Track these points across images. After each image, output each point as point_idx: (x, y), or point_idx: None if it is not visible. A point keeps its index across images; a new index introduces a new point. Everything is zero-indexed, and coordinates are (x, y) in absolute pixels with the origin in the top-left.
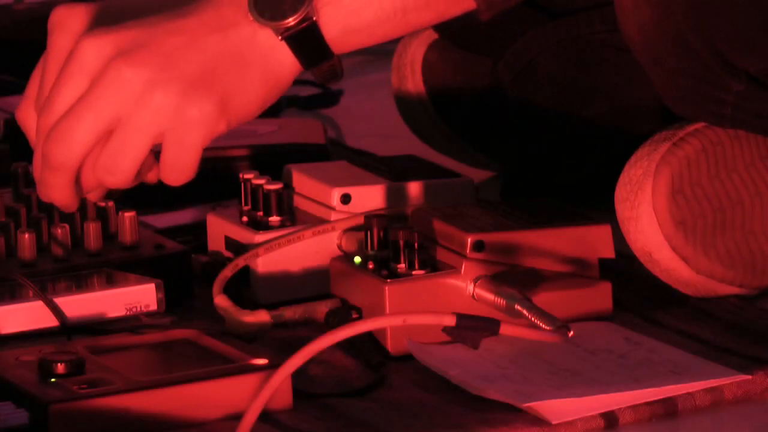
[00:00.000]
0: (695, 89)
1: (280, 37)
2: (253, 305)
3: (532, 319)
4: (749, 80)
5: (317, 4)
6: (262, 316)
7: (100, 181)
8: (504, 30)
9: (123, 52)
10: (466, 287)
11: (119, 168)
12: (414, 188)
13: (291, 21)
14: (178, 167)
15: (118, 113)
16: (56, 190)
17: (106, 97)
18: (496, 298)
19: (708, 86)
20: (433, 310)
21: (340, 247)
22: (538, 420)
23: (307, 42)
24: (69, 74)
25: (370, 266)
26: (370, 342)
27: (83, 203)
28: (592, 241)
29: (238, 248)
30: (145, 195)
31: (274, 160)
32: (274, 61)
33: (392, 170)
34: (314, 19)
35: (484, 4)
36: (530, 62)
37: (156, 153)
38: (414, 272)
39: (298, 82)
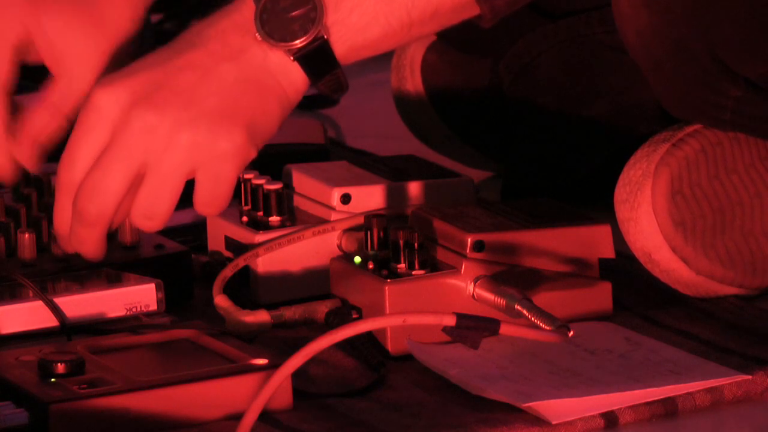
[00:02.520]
0: (694, 94)
1: (292, 58)
2: (253, 305)
3: (532, 319)
4: (748, 85)
5: (327, 22)
6: (262, 316)
7: (138, 226)
8: (504, 31)
9: (141, 98)
10: (466, 287)
11: (158, 212)
12: (414, 188)
13: (302, 42)
14: (217, 201)
15: (147, 159)
16: (89, 243)
17: (132, 145)
18: (496, 298)
19: (707, 91)
20: (433, 310)
21: (340, 247)
22: (538, 420)
23: (318, 60)
24: (88, 126)
25: (370, 266)
26: (370, 342)
27: None
28: (592, 241)
29: (238, 248)
30: None
31: (273, 160)
32: (287, 80)
33: (392, 170)
34: (326, 37)
35: (489, 12)
36: (530, 63)
37: None
38: (414, 272)
39: None
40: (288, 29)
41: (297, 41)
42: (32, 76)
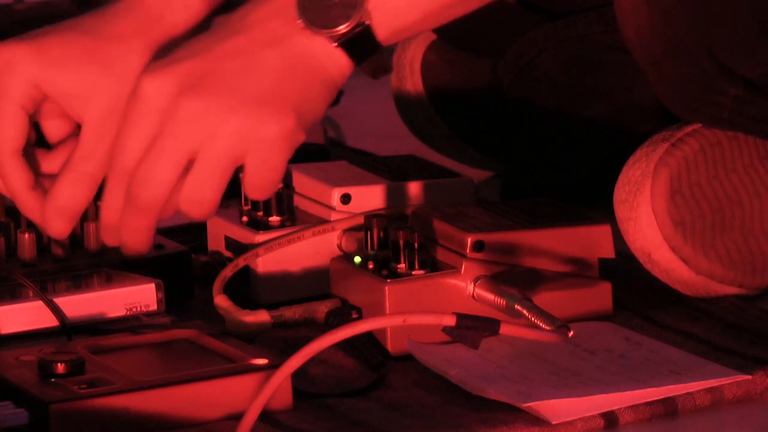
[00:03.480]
0: (693, 93)
1: (335, 44)
2: (253, 305)
3: (532, 319)
4: (747, 85)
5: (368, 7)
6: (262, 316)
7: (187, 213)
8: (503, 31)
9: (187, 86)
10: (466, 287)
11: (207, 198)
12: (414, 188)
13: (345, 28)
14: (267, 185)
15: (196, 146)
16: (141, 232)
17: (182, 134)
18: (496, 298)
19: (706, 90)
20: (433, 310)
21: (340, 247)
22: (538, 420)
23: (361, 44)
24: (138, 116)
25: (370, 266)
26: (370, 342)
27: None
28: (592, 241)
29: (238, 248)
30: None
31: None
32: (332, 65)
33: (392, 170)
34: (367, 23)
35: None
36: (529, 63)
37: None
38: (414, 272)
39: None
40: (329, 16)
41: (340, 27)
42: None
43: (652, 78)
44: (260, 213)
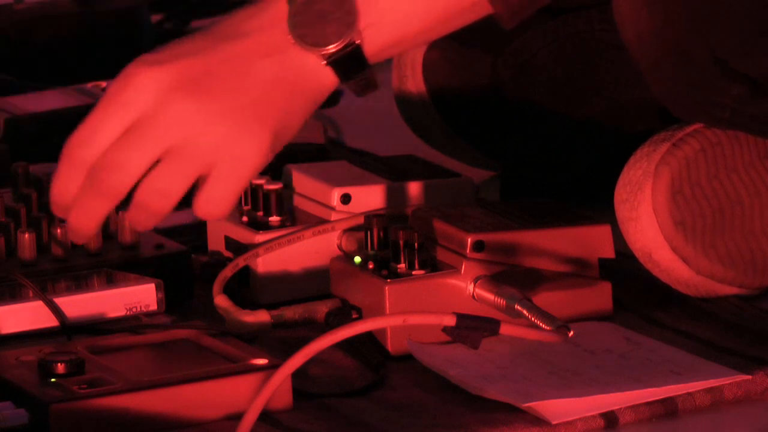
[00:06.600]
0: (694, 93)
1: (324, 62)
2: (253, 305)
3: (532, 319)
4: (748, 84)
5: (360, 26)
6: (262, 316)
7: (146, 202)
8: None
9: (182, 84)
10: (466, 287)
11: (171, 191)
12: (414, 188)
13: (335, 47)
14: (222, 202)
15: (174, 143)
16: (92, 218)
17: (165, 128)
18: (496, 298)
19: (707, 90)
20: (433, 310)
21: (340, 247)
22: (538, 420)
23: (350, 62)
24: (122, 101)
25: (370, 266)
26: (370, 342)
27: None
28: (592, 241)
29: (238, 248)
30: None
31: (273, 159)
32: (317, 82)
33: (392, 170)
34: (357, 42)
35: (507, 13)
36: (529, 60)
37: None
38: (414, 272)
39: None
40: (321, 33)
41: (330, 46)
42: (33, 77)
43: (651, 80)
44: (260, 213)
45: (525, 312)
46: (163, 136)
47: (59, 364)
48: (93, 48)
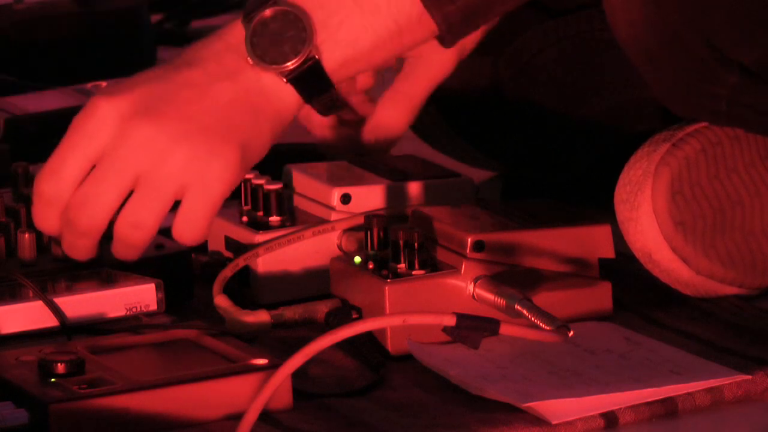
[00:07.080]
0: (689, 85)
1: (284, 80)
2: (253, 305)
3: (532, 319)
4: (743, 72)
5: (317, 41)
6: (262, 316)
7: (124, 236)
8: (504, 28)
9: (140, 111)
10: (466, 287)
11: (146, 224)
12: (414, 188)
13: (293, 63)
14: (197, 222)
15: (141, 171)
16: (82, 251)
17: (128, 157)
18: (496, 298)
19: (702, 81)
20: (433, 310)
21: (340, 247)
22: (538, 420)
23: (311, 79)
24: (84, 133)
25: (370, 266)
26: (370, 342)
27: None
28: (592, 241)
29: (238, 248)
30: None
31: (273, 160)
32: (280, 101)
33: (392, 170)
34: (317, 57)
35: (443, 22)
36: (530, 60)
37: None
38: (414, 272)
39: None
40: (279, 51)
41: (288, 63)
42: (33, 77)
43: (646, 75)
44: (260, 213)
45: (525, 312)
46: (127, 165)
47: (59, 364)
48: (93, 48)
